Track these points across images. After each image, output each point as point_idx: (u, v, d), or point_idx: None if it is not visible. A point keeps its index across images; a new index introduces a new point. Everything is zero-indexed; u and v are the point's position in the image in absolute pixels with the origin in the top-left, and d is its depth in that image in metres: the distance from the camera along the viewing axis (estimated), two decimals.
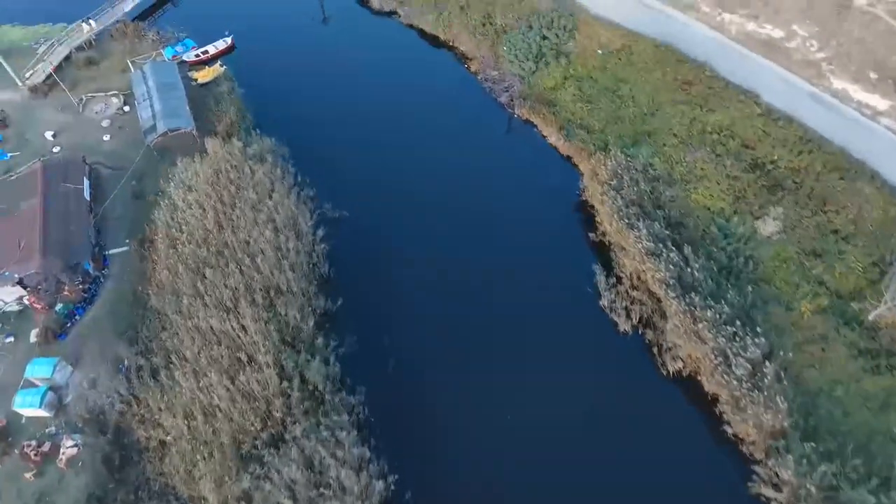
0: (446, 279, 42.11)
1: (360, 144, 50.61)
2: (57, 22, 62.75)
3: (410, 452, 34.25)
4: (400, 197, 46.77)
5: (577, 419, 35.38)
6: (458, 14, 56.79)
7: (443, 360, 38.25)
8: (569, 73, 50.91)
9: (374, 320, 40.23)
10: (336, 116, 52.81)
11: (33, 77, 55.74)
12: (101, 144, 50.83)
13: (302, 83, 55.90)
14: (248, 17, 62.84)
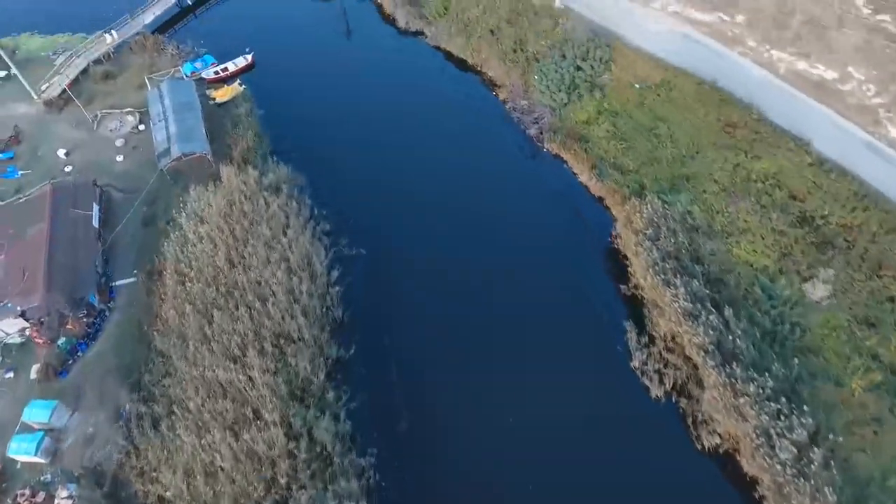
0: (466, 326, 39.69)
1: (381, 173, 48.44)
2: (77, 31, 61.83)
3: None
4: (418, 232, 44.57)
5: (604, 488, 32.98)
6: (488, 38, 54.25)
7: (462, 419, 35.94)
8: (603, 108, 48.18)
9: (388, 370, 38.01)
10: (356, 141, 50.63)
11: (49, 90, 54.39)
12: (114, 165, 49.25)
13: (322, 104, 53.78)
14: (271, 33, 61.14)
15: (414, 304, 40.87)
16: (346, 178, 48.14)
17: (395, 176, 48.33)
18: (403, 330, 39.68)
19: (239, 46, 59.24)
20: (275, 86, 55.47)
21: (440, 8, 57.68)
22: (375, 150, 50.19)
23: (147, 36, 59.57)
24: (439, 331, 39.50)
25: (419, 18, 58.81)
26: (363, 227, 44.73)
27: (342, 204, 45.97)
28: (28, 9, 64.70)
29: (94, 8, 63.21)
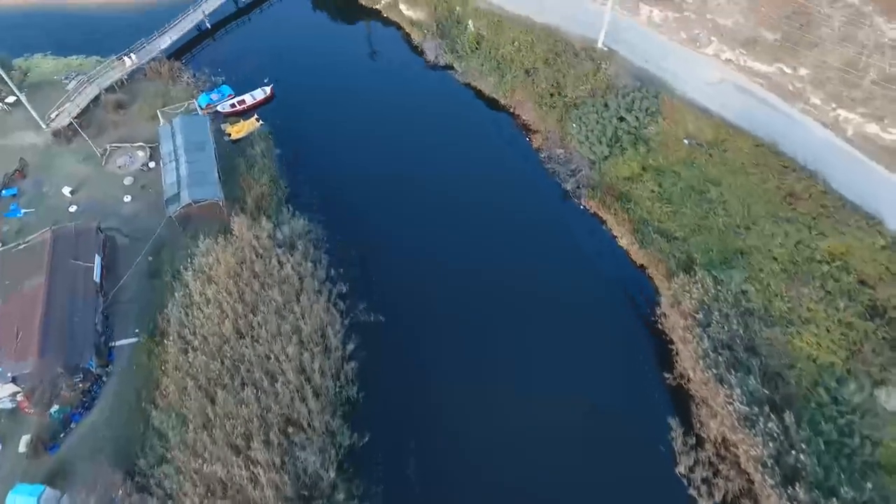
0: (492, 407, 36.21)
1: (404, 223, 45.02)
2: (91, 54, 59.16)
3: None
4: (441, 294, 40.88)
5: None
6: (523, 79, 50.53)
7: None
8: (648, 164, 44.28)
9: (406, 460, 34.61)
10: (378, 185, 47.20)
11: (58, 119, 51.70)
12: (121, 206, 46.34)
13: (343, 142, 50.48)
14: (291, 60, 57.86)
15: (437, 380, 37.32)
16: (366, 226, 44.85)
17: (418, 227, 44.90)
18: (425, 411, 36.14)
19: (258, 74, 56.32)
20: (293, 121, 52.27)
21: (472, 42, 54.08)
22: (398, 196, 46.79)
23: (163, 61, 56.63)
24: (465, 412, 36.04)
25: (449, 52, 55.28)
26: (383, 286, 41.41)
27: (362, 257, 42.81)
28: (43, 29, 61.95)
29: (111, 31, 60.80)
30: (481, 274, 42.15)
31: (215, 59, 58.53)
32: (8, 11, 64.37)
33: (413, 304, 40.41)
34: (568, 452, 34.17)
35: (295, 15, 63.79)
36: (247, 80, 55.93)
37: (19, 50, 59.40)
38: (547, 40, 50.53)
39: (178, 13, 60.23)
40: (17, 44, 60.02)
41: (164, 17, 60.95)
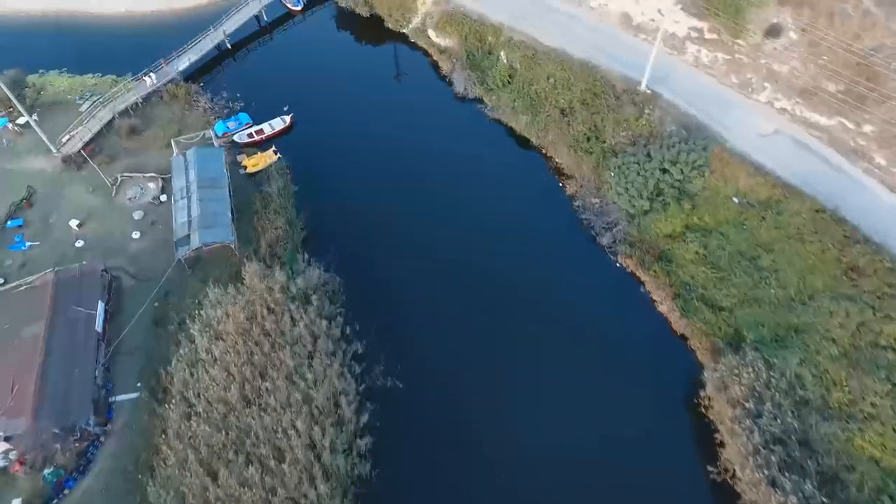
0: (518, 490, 33.37)
1: (426, 272, 42.01)
2: (107, 73, 57.13)
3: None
4: (464, 357, 37.95)
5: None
6: (558, 120, 47.32)
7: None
8: (692, 222, 40.91)
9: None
10: (400, 228, 44.28)
11: (69, 144, 49.61)
12: (129, 243, 44.08)
13: (364, 179, 47.49)
14: (313, 84, 54.91)
15: (457, 454, 34.52)
16: (387, 272, 41.96)
17: (443, 276, 41.87)
18: (445, 491, 33.46)
19: (277, 100, 53.73)
20: (313, 154, 49.58)
21: (503, 76, 50.95)
22: (422, 240, 43.84)
23: (180, 84, 54.38)
24: (486, 490, 33.23)
25: (479, 84, 52.18)
26: (403, 343, 38.54)
27: (382, 309, 39.99)
28: (61, 42, 59.84)
29: (129, 47, 58.57)
30: (509, 333, 39.20)
31: (234, 81, 55.98)
32: (27, 21, 62.47)
33: (434, 365, 37.54)
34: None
35: (318, 35, 61.17)
36: (266, 106, 53.46)
37: (34, 65, 57.40)
38: (585, 78, 47.26)
39: (200, 30, 58.36)
40: (33, 58, 58.11)
41: (185, 33, 59.10)
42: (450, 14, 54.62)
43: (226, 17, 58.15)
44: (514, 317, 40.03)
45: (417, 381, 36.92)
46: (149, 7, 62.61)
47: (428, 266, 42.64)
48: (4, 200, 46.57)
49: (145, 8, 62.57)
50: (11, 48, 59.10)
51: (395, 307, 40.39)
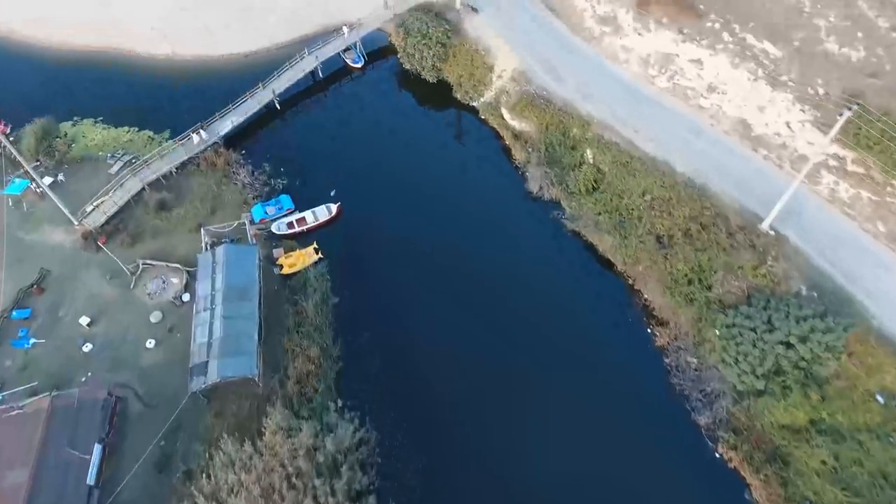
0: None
1: (483, 425, 35.22)
2: (144, 128, 51.86)
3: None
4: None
5: None
6: (653, 249, 39.35)
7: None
8: (820, 417, 32.50)
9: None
10: (453, 364, 37.38)
11: (92, 216, 44.36)
12: (142, 354, 38.42)
13: (417, 294, 40.80)
14: (365, 162, 48.20)
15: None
16: (437, 422, 35.29)
17: (501, 435, 34.93)
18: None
19: (325, 174, 47.36)
20: (358, 254, 43.01)
21: (588, 181, 43.26)
22: (479, 382, 36.83)
23: (220, 150, 48.66)
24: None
25: (557, 185, 44.61)
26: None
27: (428, 482, 33.30)
28: (99, 84, 54.62)
29: (173, 97, 53.39)
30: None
31: (280, 148, 49.56)
32: (73, 57, 57.17)
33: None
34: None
35: (377, 98, 54.28)
36: (312, 184, 47.05)
37: (71, 108, 52.81)
38: (690, 202, 39.22)
39: (247, 81, 52.56)
40: (71, 100, 53.54)
41: (231, 83, 53.42)
42: (531, 96, 47.20)
43: (277, 73, 52.05)
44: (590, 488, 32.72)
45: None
46: (193, 51, 57.14)
47: (484, 418, 35.73)
48: (14, 279, 41.83)
49: (189, 52, 57.16)
50: (53, 86, 55.19)
51: (448, 472, 33.58)
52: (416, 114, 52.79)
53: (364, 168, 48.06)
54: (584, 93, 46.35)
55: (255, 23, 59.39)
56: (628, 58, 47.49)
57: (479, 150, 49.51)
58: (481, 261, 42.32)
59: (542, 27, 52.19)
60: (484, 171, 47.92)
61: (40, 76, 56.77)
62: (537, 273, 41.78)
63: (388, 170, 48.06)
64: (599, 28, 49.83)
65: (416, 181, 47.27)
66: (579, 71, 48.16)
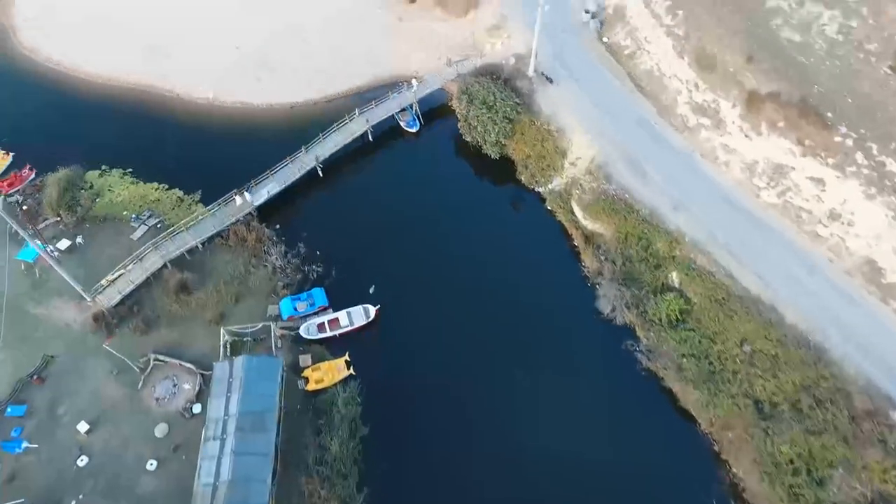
0: None
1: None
2: (175, 185, 47.24)
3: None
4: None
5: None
6: (750, 417, 31.75)
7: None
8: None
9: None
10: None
11: (106, 292, 40.07)
12: (140, 477, 33.29)
13: (464, 433, 34.71)
14: (414, 245, 42.65)
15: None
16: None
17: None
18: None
19: (365, 264, 41.64)
20: (397, 369, 37.08)
21: (672, 312, 36.21)
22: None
23: (252, 223, 43.48)
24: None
25: (633, 308, 37.73)
26: None
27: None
28: (136, 126, 50.19)
29: (206, 150, 48.77)
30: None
31: (317, 226, 43.79)
32: (115, 93, 53.21)
33: None
34: None
35: (430, 169, 48.20)
36: (349, 275, 41.51)
37: (102, 154, 48.53)
38: (803, 367, 31.99)
39: (292, 137, 47.63)
40: (104, 142, 49.25)
41: (273, 139, 48.63)
42: (609, 197, 40.65)
43: (322, 135, 46.81)
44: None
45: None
46: (236, 98, 52.44)
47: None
48: (15, 363, 37.58)
49: (231, 98, 52.46)
50: (90, 124, 51.08)
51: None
52: (474, 194, 46.52)
53: (411, 259, 42.16)
54: (673, 199, 39.55)
55: (303, 71, 54.35)
56: (729, 160, 40.45)
57: (542, 247, 43.06)
58: (541, 391, 36.04)
59: (627, 108, 45.41)
60: (546, 277, 41.31)
61: (77, 110, 52.96)
62: (604, 416, 35.11)
63: (438, 263, 42.06)
64: (695, 118, 42.84)
65: (468, 281, 41.07)
66: (668, 168, 41.31)
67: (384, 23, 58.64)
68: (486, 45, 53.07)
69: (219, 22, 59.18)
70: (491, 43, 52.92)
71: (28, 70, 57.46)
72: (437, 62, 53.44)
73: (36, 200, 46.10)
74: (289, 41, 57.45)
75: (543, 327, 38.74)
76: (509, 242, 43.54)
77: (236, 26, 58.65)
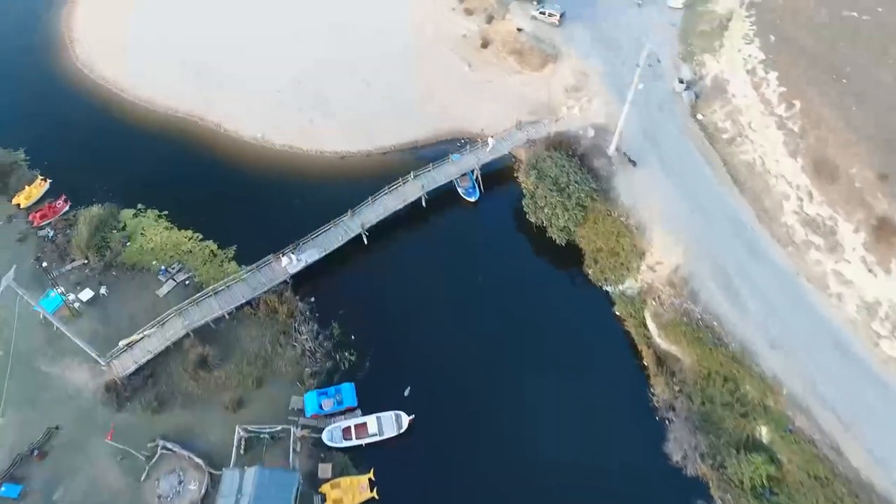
0: None
1: None
2: (209, 235, 44.00)
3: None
4: None
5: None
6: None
7: None
8: None
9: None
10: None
11: (121, 359, 36.60)
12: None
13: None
14: (458, 352, 37.20)
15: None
16: None
17: None
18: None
19: (403, 356, 37.02)
20: (429, 496, 32.80)
21: (758, 477, 29.90)
22: None
23: (285, 293, 39.43)
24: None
25: (709, 460, 31.83)
26: None
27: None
28: (179, 162, 47.49)
29: (247, 198, 45.25)
30: None
31: (356, 303, 39.40)
32: (169, 123, 50.96)
33: None
34: None
35: (486, 242, 43.18)
36: (384, 369, 36.97)
37: (141, 190, 45.75)
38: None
39: (340, 190, 43.95)
40: (146, 175, 46.82)
41: (320, 191, 44.99)
42: (693, 321, 34.87)
43: (372, 198, 42.67)
44: None
45: None
46: (285, 140, 48.95)
47: None
48: (17, 430, 34.51)
49: (280, 140, 48.97)
50: (132, 152, 48.71)
51: None
52: (533, 283, 41.10)
53: (455, 356, 37.19)
54: (770, 335, 33.42)
55: (358, 115, 50.50)
56: (843, 293, 34.08)
57: (605, 360, 37.45)
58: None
59: (720, 205, 39.43)
60: (607, 398, 35.63)
61: (121, 136, 50.45)
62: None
63: (486, 364, 36.95)
64: (804, 232, 36.52)
65: (518, 391, 35.86)
66: (766, 291, 35.10)
67: (451, 67, 54.09)
68: (562, 107, 47.90)
69: (275, 51, 56.14)
70: (568, 106, 47.68)
71: (79, 85, 55.65)
72: (506, 120, 48.49)
73: (66, 237, 43.80)
74: (347, 78, 53.71)
75: (600, 464, 33.09)
76: (568, 347, 38.01)
77: (293, 57, 55.46)
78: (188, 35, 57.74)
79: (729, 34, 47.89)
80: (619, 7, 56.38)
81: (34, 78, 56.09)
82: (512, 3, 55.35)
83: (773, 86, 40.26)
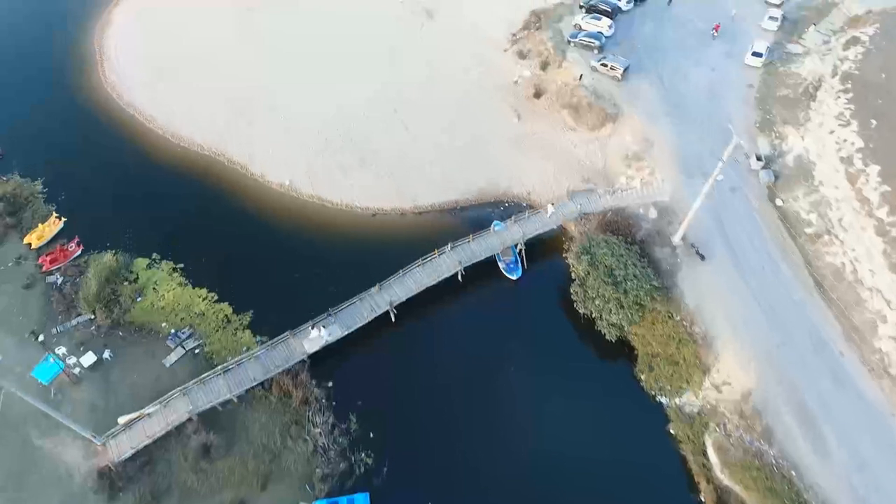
0: None
1: None
2: (225, 296, 40.45)
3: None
4: None
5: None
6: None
7: None
8: None
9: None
10: None
11: (118, 440, 33.09)
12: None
13: None
14: (487, 462, 32.84)
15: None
16: None
17: None
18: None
19: (428, 464, 32.88)
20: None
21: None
22: None
23: (301, 375, 35.81)
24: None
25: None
26: None
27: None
28: (199, 208, 44.16)
29: (268, 255, 41.63)
30: None
31: (379, 393, 35.33)
32: (196, 161, 47.68)
33: None
34: None
35: (527, 329, 38.19)
36: (406, 477, 32.67)
37: (156, 238, 42.63)
38: None
39: (373, 254, 40.23)
40: (166, 220, 43.72)
41: (347, 253, 41.18)
42: (763, 464, 29.92)
43: (403, 272, 38.67)
44: None
45: None
46: (315, 189, 45.27)
47: None
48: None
49: (310, 190, 45.22)
50: (153, 192, 45.60)
51: None
52: (577, 381, 36.11)
53: (485, 465, 32.97)
54: (859, 492, 28.48)
55: (394, 167, 46.48)
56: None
57: (653, 486, 32.35)
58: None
59: (800, 317, 34.08)
60: None
61: (143, 171, 47.31)
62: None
63: (518, 479, 32.71)
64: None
65: None
66: (854, 434, 29.82)
67: (499, 117, 49.31)
68: (620, 176, 42.97)
69: (313, 88, 52.20)
70: (627, 176, 42.72)
71: (105, 109, 52.67)
72: (555, 184, 43.97)
73: (74, 287, 40.83)
74: (387, 121, 49.64)
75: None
76: (615, 466, 33.07)
77: (329, 97, 51.42)
78: (225, 63, 54.26)
79: (817, 106, 42.32)
80: (690, 61, 50.95)
81: (60, 97, 53.41)
82: (570, 50, 50.49)
83: (874, 182, 34.82)
